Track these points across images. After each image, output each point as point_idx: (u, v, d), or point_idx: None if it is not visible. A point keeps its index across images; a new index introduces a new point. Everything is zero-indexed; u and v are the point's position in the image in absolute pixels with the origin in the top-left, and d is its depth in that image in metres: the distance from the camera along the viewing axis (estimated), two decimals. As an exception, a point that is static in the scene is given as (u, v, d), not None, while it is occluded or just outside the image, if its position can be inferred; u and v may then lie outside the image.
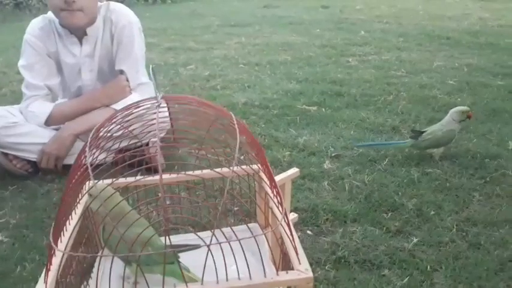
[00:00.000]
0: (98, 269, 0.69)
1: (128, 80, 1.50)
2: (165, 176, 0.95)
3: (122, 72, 1.51)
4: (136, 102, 0.83)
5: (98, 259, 0.98)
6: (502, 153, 1.53)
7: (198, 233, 1.06)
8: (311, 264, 0.99)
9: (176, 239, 0.98)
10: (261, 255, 0.73)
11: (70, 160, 1.46)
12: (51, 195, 1.32)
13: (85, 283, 0.89)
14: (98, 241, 0.99)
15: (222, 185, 1.29)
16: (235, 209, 1.21)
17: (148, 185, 0.95)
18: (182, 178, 0.97)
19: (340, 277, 0.95)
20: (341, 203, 1.22)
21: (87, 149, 0.73)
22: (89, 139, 0.78)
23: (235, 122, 0.82)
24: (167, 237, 0.66)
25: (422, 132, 1.50)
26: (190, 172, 0.92)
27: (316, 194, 1.28)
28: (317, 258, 1.01)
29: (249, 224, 1.07)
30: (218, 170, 0.85)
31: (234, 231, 0.70)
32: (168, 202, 1.26)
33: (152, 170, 1.33)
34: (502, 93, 2.18)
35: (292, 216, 1.13)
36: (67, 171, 1.45)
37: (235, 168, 0.89)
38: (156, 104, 0.77)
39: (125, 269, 0.77)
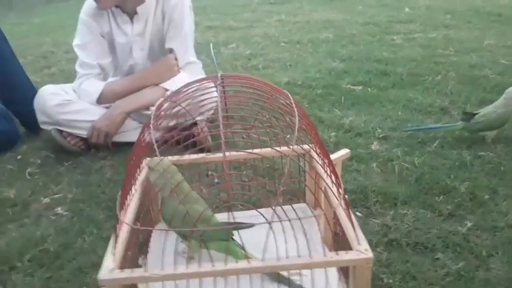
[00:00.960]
0: (164, 243, 0.71)
1: (176, 59, 1.52)
2: (227, 153, 0.96)
3: (171, 50, 1.53)
4: (196, 80, 0.84)
5: (154, 234, 1.02)
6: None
7: (248, 212, 1.09)
8: (362, 245, 0.99)
9: (223, 217, 1.00)
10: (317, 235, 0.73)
11: (120, 138, 1.51)
12: (104, 171, 1.37)
13: (142, 256, 0.92)
14: (152, 217, 1.02)
15: (270, 165, 1.30)
16: (282, 188, 1.21)
17: (199, 163, 0.96)
18: (243, 156, 0.97)
19: (393, 259, 0.95)
20: (391, 185, 1.21)
21: (151, 125, 0.75)
22: (152, 116, 0.80)
23: (292, 101, 0.82)
24: (230, 214, 0.68)
25: (475, 114, 1.45)
26: (250, 150, 0.92)
27: (364, 175, 1.27)
28: (368, 240, 0.99)
29: (298, 204, 1.09)
30: (279, 148, 0.86)
31: (294, 209, 0.71)
32: (216, 181, 1.28)
33: (205, 150, 1.36)
34: (561, 74, 2.07)
35: (342, 197, 1.13)
36: (117, 148, 1.49)
37: (289, 148, 0.89)
38: (218, 82, 0.77)
39: (180, 244, 0.79)
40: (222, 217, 1.03)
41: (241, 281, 0.76)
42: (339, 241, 0.84)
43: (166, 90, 1.46)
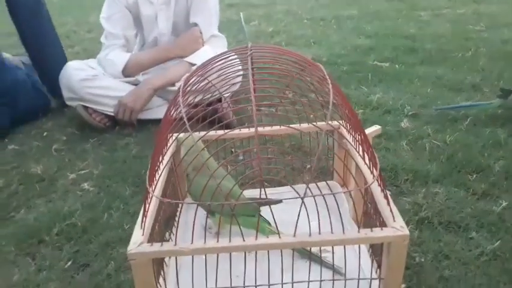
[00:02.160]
0: (195, 216, 0.71)
1: (201, 32, 1.50)
2: (260, 128, 0.94)
3: (195, 25, 1.51)
4: (225, 52, 0.81)
5: (180, 208, 1.01)
6: None
7: (277, 188, 1.07)
8: (392, 224, 0.96)
9: (251, 193, 0.98)
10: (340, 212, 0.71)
11: (146, 115, 1.50)
12: (129, 148, 1.37)
13: (169, 231, 0.92)
14: (179, 192, 1.02)
15: (296, 142, 1.27)
16: (308, 166, 1.19)
17: (236, 138, 0.94)
18: (276, 132, 0.95)
19: (425, 238, 0.92)
20: (421, 163, 1.17)
21: (180, 99, 0.73)
22: (180, 89, 0.78)
23: (326, 74, 0.79)
24: (262, 190, 0.66)
25: (510, 91, 1.39)
26: (286, 126, 0.90)
27: (394, 153, 1.23)
28: (398, 218, 0.98)
29: (327, 182, 1.06)
30: (313, 123, 0.83)
31: (321, 187, 0.69)
32: (241, 157, 1.26)
33: (229, 126, 1.34)
34: None
35: (371, 174, 1.10)
36: (142, 125, 1.49)
37: (319, 124, 0.87)
38: (249, 53, 0.75)
39: (206, 220, 0.78)
40: (249, 194, 1.02)
41: (271, 257, 0.75)
42: (369, 220, 0.82)
43: (192, 64, 1.44)
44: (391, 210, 0.69)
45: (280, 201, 0.82)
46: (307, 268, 0.71)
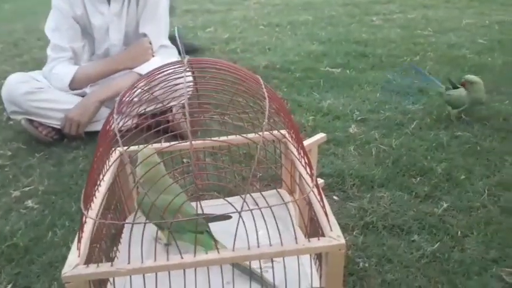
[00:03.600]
0: (130, 234, 0.69)
1: (150, 43, 1.48)
2: (195, 142, 0.94)
3: (145, 35, 1.50)
4: (163, 66, 0.81)
5: (126, 225, 1.00)
6: (535, 115, 1.47)
7: (222, 200, 1.07)
8: (339, 230, 0.98)
9: (204, 205, 0.98)
10: (291, 221, 0.72)
11: (94, 127, 1.47)
12: (77, 162, 1.33)
13: (115, 248, 0.90)
14: (126, 208, 1.00)
15: (247, 151, 1.28)
16: (260, 174, 1.20)
17: (174, 150, 0.94)
18: (209, 144, 0.95)
19: (369, 242, 0.94)
20: (368, 167, 1.20)
21: (114, 115, 0.72)
22: (116, 105, 0.77)
23: (263, 86, 0.79)
24: (199, 204, 0.65)
25: (455, 87, 1.47)
26: (217, 138, 0.90)
27: (342, 159, 1.26)
28: (344, 223, 1.00)
29: (275, 190, 1.07)
30: (246, 135, 0.84)
31: (264, 197, 0.69)
32: (191, 168, 1.25)
33: (178, 136, 1.33)
34: (536, 52, 2.08)
35: (319, 181, 1.12)
36: (90, 138, 1.45)
37: (263, 134, 0.87)
38: (183, 68, 0.74)
39: (157, 232, 0.77)
40: (203, 206, 1.01)
41: (211, 272, 0.75)
42: (314, 227, 0.84)
43: (140, 75, 1.42)
44: (328, 220, 0.70)
45: (229, 217, 0.82)
46: (248, 285, 0.71)
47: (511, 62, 1.96)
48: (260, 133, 0.69)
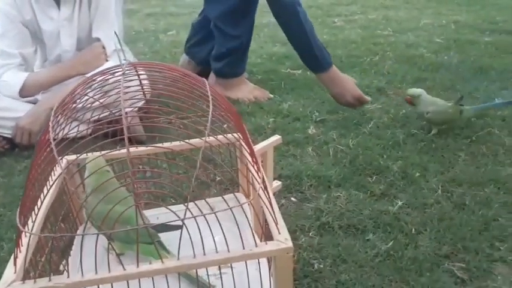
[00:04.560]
0: (82, 245, 0.67)
1: (104, 47, 1.45)
2: (133, 149, 0.92)
3: (98, 40, 1.46)
4: (101, 71, 0.79)
5: (76, 236, 0.96)
6: (489, 112, 1.51)
7: (180, 205, 1.05)
8: (295, 232, 0.98)
9: (154, 213, 0.96)
10: (247, 224, 0.70)
11: (47, 135, 1.42)
12: (28, 172, 1.28)
13: (64, 261, 0.87)
14: (76, 217, 0.97)
15: (206, 155, 1.26)
16: (218, 178, 1.18)
17: (115, 159, 0.91)
18: (150, 151, 0.93)
19: (324, 243, 0.94)
20: (325, 168, 1.20)
21: (50, 123, 0.69)
22: (52, 112, 0.74)
23: (208, 89, 0.78)
24: (138, 213, 0.64)
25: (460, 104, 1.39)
26: (160, 144, 0.89)
27: (300, 160, 1.26)
28: (301, 225, 1.00)
29: (231, 195, 1.06)
30: (191, 140, 0.82)
31: (208, 203, 0.68)
32: (148, 175, 1.23)
33: (133, 142, 1.30)
34: (489, 50, 2.15)
35: (276, 184, 1.11)
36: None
37: (210, 139, 0.86)
38: (122, 72, 0.72)
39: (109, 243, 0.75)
40: (153, 213, 0.99)
41: (160, 282, 0.73)
42: (269, 229, 0.83)
43: (93, 80, 1.38)
44: (275, 223, 0.70)
45: (180, 226, 0.80)
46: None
47: (466, 61, 2.01)
48: (205, 138, 0.68)
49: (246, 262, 0.68)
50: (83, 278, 0.61)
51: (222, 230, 0.64)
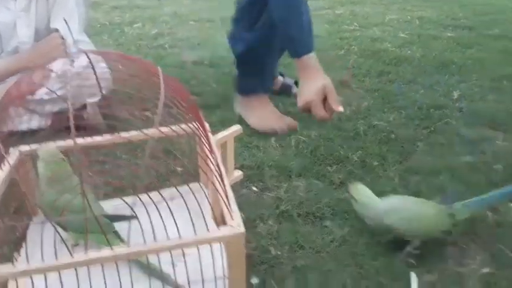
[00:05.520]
0: (27, 235, 0.65)
1: (63, 38, 1.41)
2: (81, 140, 0.91)
3: (57, 30, 1.43)
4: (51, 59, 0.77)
5: (31, 226, 0.94)
6: (448, 104, 1.56)
7: (139, 195, 1.04)
8: (254, 220, 0.99)
9: (113, 203, 0.95)
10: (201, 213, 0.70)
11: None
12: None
13: (15, 253, 0.85)
14: (30, 208, 0.95)
15: (167, 146, 1.25)
16: (180, 169, 1.18)
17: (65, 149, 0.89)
18: (96, 142, 0.92)
19: (283, 231, 0.95)
20: (287, 158, 1.22)
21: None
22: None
23: (161, 78, 0.77)
24: (87, 202, 0.63)
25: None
26: (109, 135, 0.88)
27: (263, 151, 1.27)
28: (260, 213, 1.01)
29: (191, 184, 1.06)
30: (144, 131, 0.82)
31: (160, 194, 0.68)
32: (107, 166, 1.21)
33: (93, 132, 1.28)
34: (451, 45, 2.21)
35: (237, 173, 1.12)
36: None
37: (165, 129, 0.85)
38: (70, 60, 0.71)
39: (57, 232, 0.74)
40: (112, 204, 0.98)
41: (109, 274, 0.72)
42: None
43: (51, 71, 1.35)
44: (228, 209, 0.70)
45: (133, 217, 0.80)
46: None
47: (429, 55, 2.06)
48: (155, 126, 0.67)
49: (198, 249, 0.68)
50: (29, 267, 0.60)
51: (173, 219, 0.64)
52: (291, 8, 1.22)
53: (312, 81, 1.17)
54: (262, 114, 1.42)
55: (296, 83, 1.63)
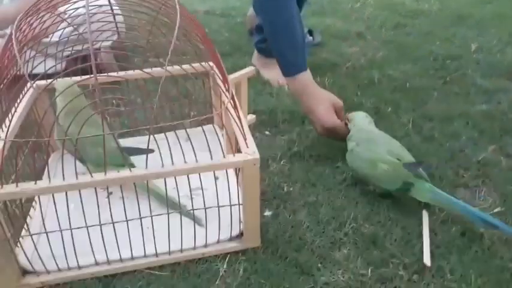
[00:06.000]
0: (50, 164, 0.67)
1: None
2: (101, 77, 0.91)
3: None
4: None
5: (51, 159, 0.97)
6: (464, 55, 1.53)
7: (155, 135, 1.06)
8: (267, 160, 1.00)
9: (129, 142, 0.96)
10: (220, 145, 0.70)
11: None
12: None
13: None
14: (46, 146, 0.97)
15: (182, 87, 1.25)
16: (193, 113, 1.18)
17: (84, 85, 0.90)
18: (116, 78, 0.92)
19: (295, 170, 0.96)
20: (299, 104, 1.21)
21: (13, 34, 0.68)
22: (16, 21, 0.72)
23: (177, 6, 0.77)
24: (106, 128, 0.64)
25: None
26: (123, 73, 0.88)
27: (276, 97, 1.27)
28: (273, 154, 1.01)
29: (205, 126, 1.07)
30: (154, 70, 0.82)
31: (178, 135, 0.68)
32: (123, 108, 1.22)
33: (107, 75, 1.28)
34: (470, 0, 2.14)
35: (250, 117, 1.12)
36: None
37: (176, 68, 0.85)
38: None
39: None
40: (130, 142, 0.99)
41: (129, 204, 0.73)
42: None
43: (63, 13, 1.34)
44: (244, 137, 0.71)
45: (151, 150, 0.81)
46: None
47: (447, 9, 2.01)
48: (165, 67, 0.66)
49: (214, 175, 0.69)
50: (51, 184, 0.62)
51: (194, 151, 0.64)
52: (283, 22, 1.06)
53: (320, 103, 1.02)
54: (279, 73, 1.23)
55: (310, 32, 1.61)
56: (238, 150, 0.70)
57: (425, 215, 0.83)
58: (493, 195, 0.90)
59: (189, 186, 0.69)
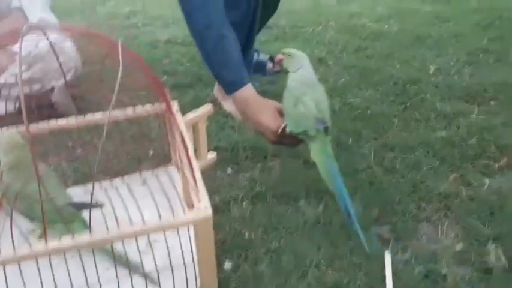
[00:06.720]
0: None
1: (26, 17, 1.35)
2: (43, 124, 0.87)
3: (19, 9, 1.36)
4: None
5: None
6: (423, 78, 1.55)
7: (111, 180, 1.01)
8: (228, 203, 0.97)
9: (82, 190, 0.92)
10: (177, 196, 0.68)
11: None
12: None
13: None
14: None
15: (139, 129, 1.21)
16: (151, 152, 1.15)
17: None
18: (59, 126, 0.88)
19: (257, 213, 0.94)
20: (262, 139, 1.19)
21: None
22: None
23: (119, 56, 0.74)
24: (44, 191, 0.60)
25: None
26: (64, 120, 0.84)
27: (238, 131, 1.24)
28: (235, 195, 0.99)
29: (164, 167, 1.03)
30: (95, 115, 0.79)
31: (133, 180, 0.65)
32: (79, 151, 1.18)
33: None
34: (429, 19, 2.19)
35: (211, 155, 1.10)
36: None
37: (119, 112, 0.82)
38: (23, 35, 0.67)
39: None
40: (79, 191, 0.95)
41: (73, 263, 0.69)
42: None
43: (16, 53, 1.29)
44: (195, 190, 0.68)
45: (98, 204, 0.77)
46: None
47: (406, 29, 2.04)
48: (109, 112, 0.64)
49: (165, 234, 0.66)
50: (-16, 260, 0.57)
51: (137, 203, 0.62)
52: (212, 45, 1.07)
53: (264, 111, 1.01)
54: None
55: (271, 59, 1.60)
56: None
57: (387, 257, 0.82)
58: (455, 229, 0.90)
59: (136, 242, 0.66)
